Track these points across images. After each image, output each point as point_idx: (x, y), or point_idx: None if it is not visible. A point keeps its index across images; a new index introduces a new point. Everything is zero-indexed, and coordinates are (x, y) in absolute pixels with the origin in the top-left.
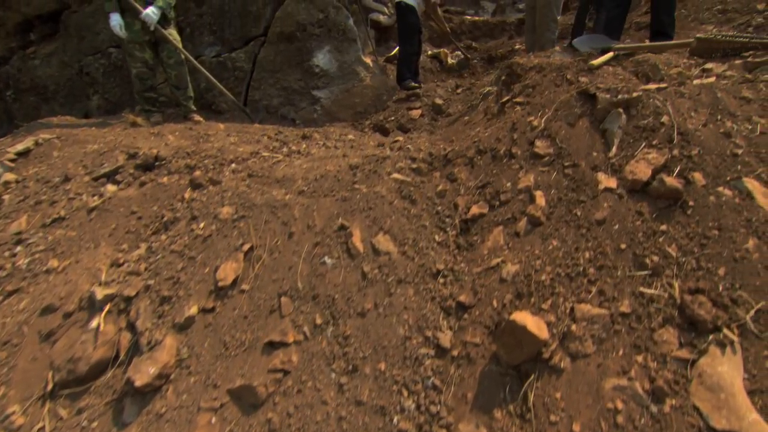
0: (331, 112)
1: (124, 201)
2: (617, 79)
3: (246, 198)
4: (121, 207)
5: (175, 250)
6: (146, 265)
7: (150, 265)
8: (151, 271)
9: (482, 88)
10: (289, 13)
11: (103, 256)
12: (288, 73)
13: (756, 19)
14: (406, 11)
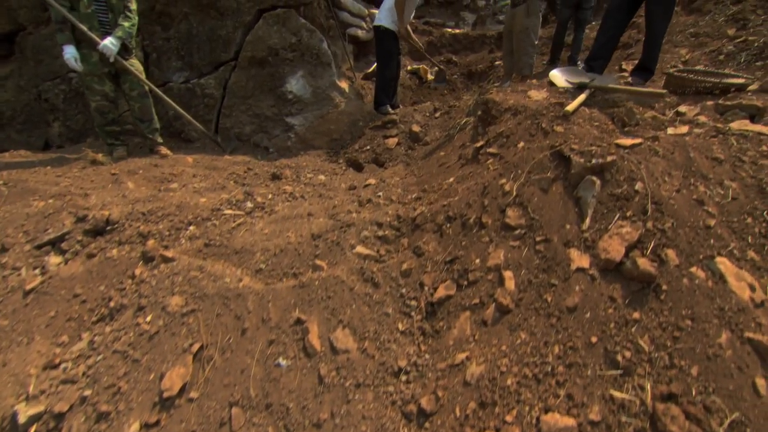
0: (306, 139)
1: (67, 281)
2: (593, 126)
3: (197, 286)
4: (63, 288)
5: (118, 350)
6: (85, 368)
7: (89, 369)
8: (90, 376)
9: (459, 118)
10: (261, 37)
11: (36, 354)
12: (260, 99)
13: (726, 47)
14: (384, 35)
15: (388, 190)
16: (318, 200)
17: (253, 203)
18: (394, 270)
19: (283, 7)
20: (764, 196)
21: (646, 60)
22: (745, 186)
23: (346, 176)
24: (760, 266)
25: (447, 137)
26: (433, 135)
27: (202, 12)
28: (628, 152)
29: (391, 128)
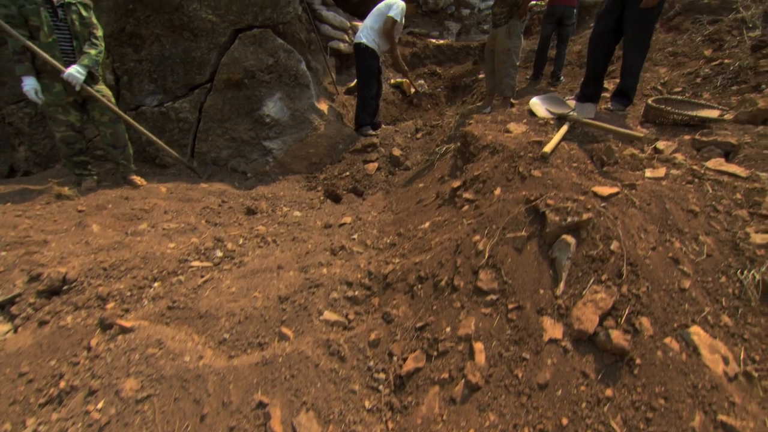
0: (285, 163)
1: (13, 356)
2: (571, 168)
3: (155, 366)
4: (8, 366)
5: None
6: None
7: None
8: None
9: (441, 140)
10: (236, 58)
11: None
12: (237, 122)
13: (703, 69)
14: (365, 53)
15: (364, 232)
16: (291, 245)
17: (222, 251)
18: (362, 340)
19: (260, 28)
20: (738, 253)
21: (624, 87)
22: (719, 241)
23: (323, 211)
24: (734, 332)
25: (427, 164)
26: (414, 159)
27: (175, 33)
28: (605, 205)
29: (372, 152)
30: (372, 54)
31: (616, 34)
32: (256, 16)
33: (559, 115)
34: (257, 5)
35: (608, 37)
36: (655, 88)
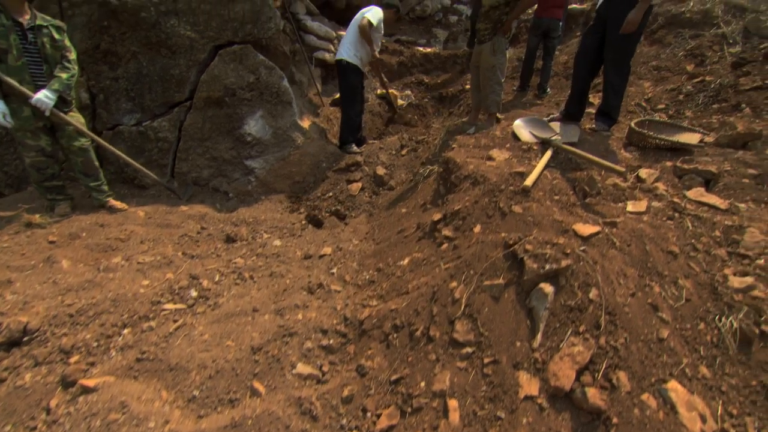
0: (267, 182)
1: None
2: (553, 202)
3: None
4: None
5: None
6: None
7: None
8: None
9: (424, 164)
10: (216, 76)
11: None
12: (218, 141)
13: (686, 86)
14: (347, 70)
15: (343, 265)
16: (268, 281)
17: (197, 291)
18: (335, 396)
19: (240, 44)
20: (716, 297)
21: (607, 107)
22: (698, 284)
23: (304, 238)
24: (712, 384)
25: (411, 185)
26: (399, 177)
27: (152, 50)
28: (584, 248)
29: (355, 171)
30: (354, 70)
31: (600, 53)
32: (237, 32)
33: (542, 139)
34: (237, 21)
35: (593, 56)
36: (639, 105)
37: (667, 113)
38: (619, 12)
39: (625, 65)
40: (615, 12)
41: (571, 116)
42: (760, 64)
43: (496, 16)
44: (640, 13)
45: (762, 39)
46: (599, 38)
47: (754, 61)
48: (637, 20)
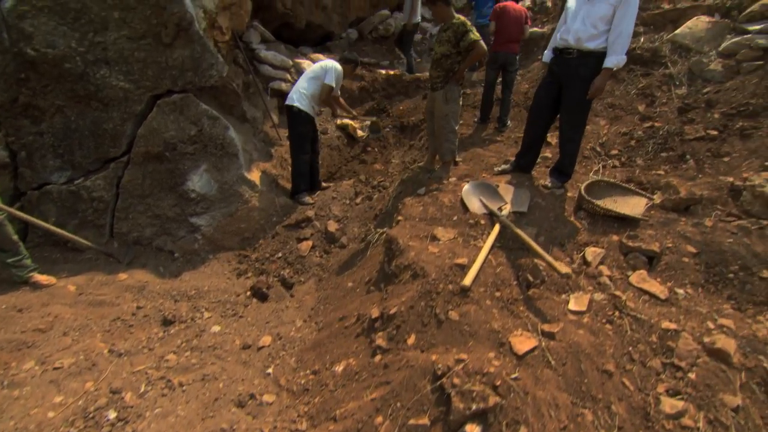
0: (215, 240)
1: None
2: (493, 301)
3: None
4: None
5: None
6: None
7: None
8: None
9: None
10: (155, 129)
11: None
12: (160, 198)
13: (638, 132)
14: (297, 118)
15: (281, 362)
16: (198, 389)
17: (117, 411)
18: None
19: (181, 92)
20: (648, 424)
21: (562, 164)
22: (631, 408)
23: (246, 319)
24: None
25: (362, 247)
26: (351, 232)
27: (81, 104)
28: (516, 377)
29: (306, 228)
30: (306, 118)
31: (553, 108)
32: (176, 81)
33: (490, 212)
34: (176, 69)
35: (546, 111)
36: (594, 150)
37: (620, 159)
38: (573, 72)
39: (582, 124)
40: (569, 70)
41: (522, 168)
42: (703, 111)
43: (447, 65)
44: (605, 80)
45: (705, 82)
46: (553, 94)
47: (698, 107)
48: (603, 87)
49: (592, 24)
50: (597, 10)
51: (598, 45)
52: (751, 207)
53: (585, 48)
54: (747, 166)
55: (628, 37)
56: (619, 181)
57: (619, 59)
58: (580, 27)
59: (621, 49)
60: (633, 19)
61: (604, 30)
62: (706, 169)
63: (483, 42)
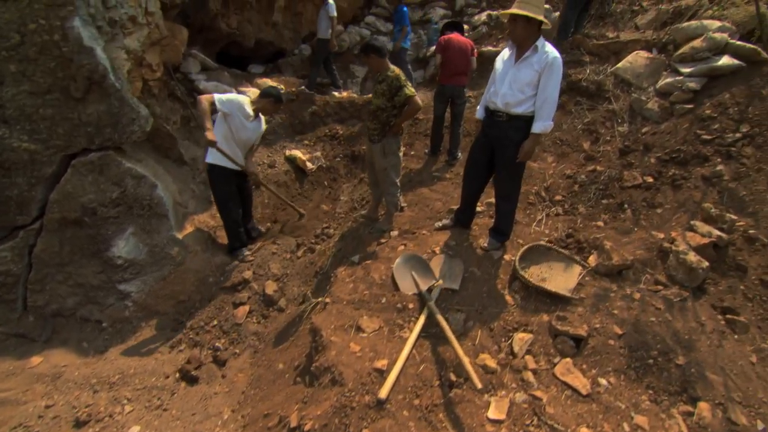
0: (148, 305)
1: None
2: (410, 411)
3: None
4: None
5: None
6: None
7: None
8: None
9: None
10: (70, 193)
11: None
12: (82, 265)
13: (581, 176)
14: (219, 176)
15: None
16: None
17: None
18: None
19: (99, 151)
20: None
21: (499, 224)
22: None
23: (170, 413)
24: None
25: (300, 312)
26: (291, 292)
27: None
28: None
29: (243, 290)
30: (226, 176)
31: (488, 167)
32: (92, 139)
33: (419, 293)
34: (92, 125)
35: (482, 170)
36: (539, 195)
37: (563, 206)
38: (504, 135)
39: (517, 185)
40: (500, 132)
41: (462, 224)
42: (641, 154)
43: (384, 118)
44: (534, 145)
45: (644, 120)
46: (487, 152)
47: (636, 150)
48: (532, 151)
49: (519, 89)
50: (523, 76)
51: (526, 109)
52: (676, 273)
53: (513, 112)
54: (676, 220)
55: (554, 102)
56: (562, 234)
57: (545, 125)
58: (508, 91)
59: (547, 115)
60: (557, 85)
61: (531, 95)
62: (642, 220)
63: (417, 98)
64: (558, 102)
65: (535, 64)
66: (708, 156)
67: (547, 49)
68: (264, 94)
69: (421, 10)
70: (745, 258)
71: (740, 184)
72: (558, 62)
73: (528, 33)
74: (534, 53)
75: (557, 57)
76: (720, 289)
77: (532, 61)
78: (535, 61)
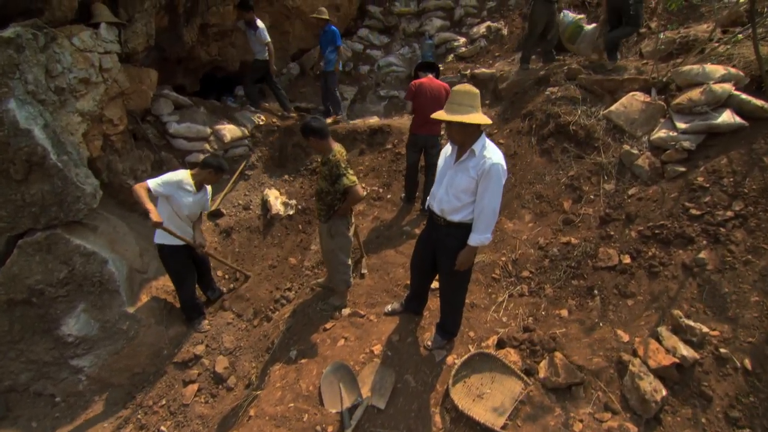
0: (102, 378)
1: None
2: None
3: None
4: None
5: None
6: None
7: None
8: None
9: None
10: (16, 275)
11: None
12: (34, 342)
13: (553, 249)
14: (169, 255)
15: None
16: None
17: None
18: None
19: (46, 230)
20: None
21: (445, 323)
22: None
23: None
24: None
25: (244, 399)
26: (242, 369)
27: None
28: None
29: (193, 367)
30: (177, 253)
31: (433, 262)
32: (38, 218)
33: (341, 413)
34: (36, 205)
35: (427, 264)
36: (505, 269)
37: (529, 285)
38: (442, 240)
39: (460, 288)
40: (438, 235)
41: (412, 311)
42: (622, 226)
43: (328, 201)
44: (470, 256)
45: (632, 178)
46: (431, 248)
47: (618, 219)
48: (469, 262)
49: (455, 195)
50: (459, 181)
51: (463, 217)
52: (630, 397)
53: (450, 219)
54: (646, 319)
55: (492, 213)
56: (520, 325)
57: (481, 238)
58: (444, 197)
59: (484, 227)
60: (496, 195)
61: (469, 202)
62: (609, 312)
63: (357, 188)
64: (544, 144)
65: (471, 170)
66: (693, 237)
67: (486, 154)
68: (204, 165)
69: (417, 20)
70: (712, 384)
71: (724, 278)
72: (496, 169)
73: (464, 136)
74: (471, 157)
75: (496, 164)
76: (677, 420)
77: (468, 166)
78: (472, 166)
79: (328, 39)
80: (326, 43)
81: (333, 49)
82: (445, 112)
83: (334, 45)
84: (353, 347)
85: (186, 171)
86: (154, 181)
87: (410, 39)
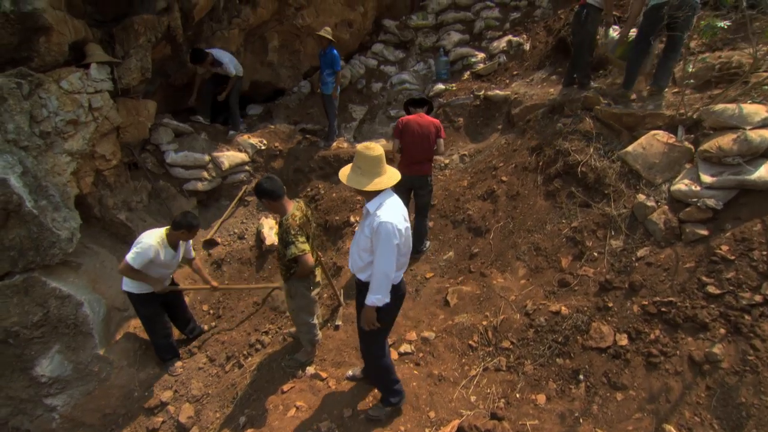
0: (75, 417)
1: None
2: None
3: None
4: None
5: None
6: None
7: None
8: None
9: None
10: None
11: None
12: (11, 379)
13: (540, 318)
14: (138, 301)
15: None
16: None
17: None
18: None
19: (23, 273)
20: None
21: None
22: None
23: None
24: None
25: None
26: (207, 419)
27: None
28: None
29: (158, 414)
30: (148, 301)
31: None
32: (16, 262)
33: None
34: (15, 249)
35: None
36: (484, 336)
37: (508, 358)
38: (357, 297)
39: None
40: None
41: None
42: (623, 297)
43: (287, 262)
44: (370, 316)
45: (644, 236)
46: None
47: (620, 288)
48: (369, 321)
49: (358, 254)
50: (359, 240)
51: (368, 276)
52: None
53: (359, 278)
54: (635, 423)
55: (383, 275)
56: (487, 410)
57: (372, 299)
58: (353, 255)
59: (376, 287)
60: (385, 255)
61: (369, 261)
62: (593, 407)
63: (308, 257)
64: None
65: (366, 229)
66: (707, 323)
67: (378, 212)
68: (175, 226)
69: (435, 34)
70: None
71: (742, 382)
72: (383, 229)
73: (363, 195)
74: (367, 216)
75: (383, 222)
76: None
77: (364, 225)
78: (366, 225)
79: (328, 62)
80: (325, 65)
81: (331, 72)
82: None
83: (332, 68)
84: (302, 420)
85: (161, 232)
86: (130, 258)
87: (426, 54)
